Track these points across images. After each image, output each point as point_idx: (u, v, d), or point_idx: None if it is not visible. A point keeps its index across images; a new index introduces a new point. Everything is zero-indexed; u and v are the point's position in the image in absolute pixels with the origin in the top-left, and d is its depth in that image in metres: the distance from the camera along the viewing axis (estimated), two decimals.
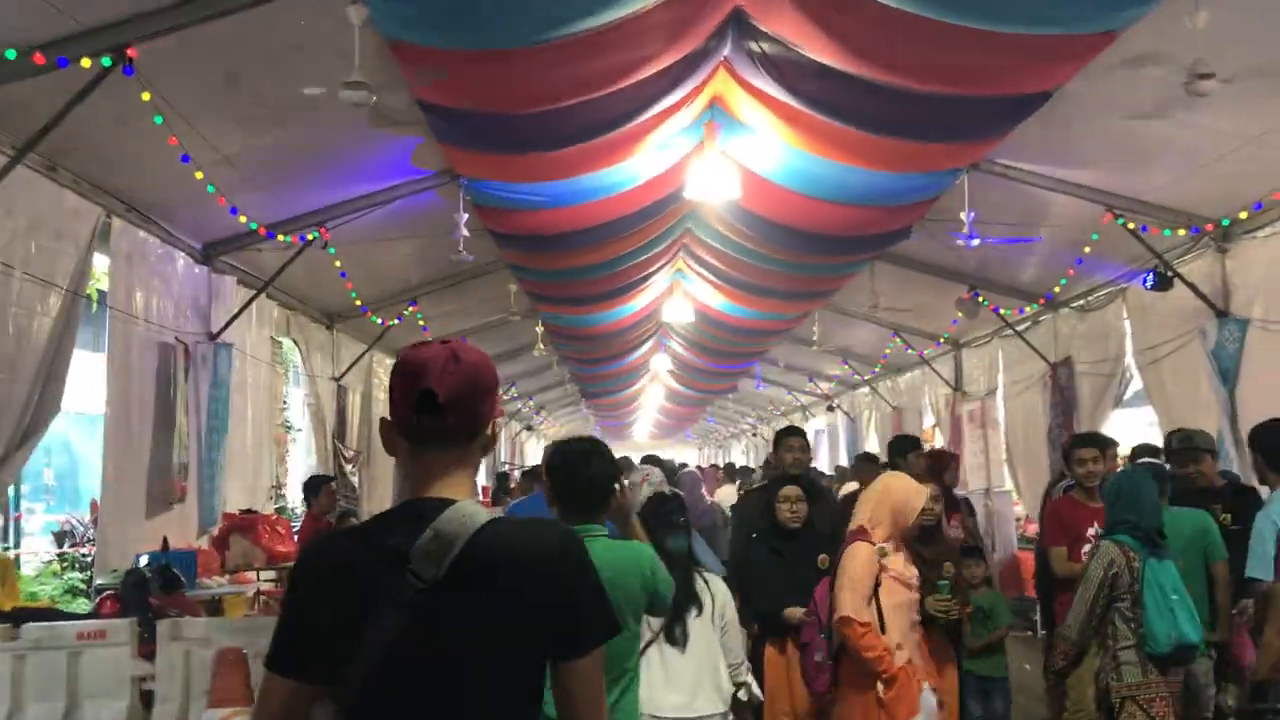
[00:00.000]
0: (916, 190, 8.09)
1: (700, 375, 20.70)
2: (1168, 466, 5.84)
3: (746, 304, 13.43)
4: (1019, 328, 11.07)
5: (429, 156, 7.57)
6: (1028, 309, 10.67)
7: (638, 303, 14.11)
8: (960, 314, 10.96)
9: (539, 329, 14.28)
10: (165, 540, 6.96)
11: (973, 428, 11.16)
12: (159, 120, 5.56)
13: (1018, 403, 11.79)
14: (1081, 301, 10.14)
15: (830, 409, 20.88)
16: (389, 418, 2.02)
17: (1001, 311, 10.63)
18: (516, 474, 15.14)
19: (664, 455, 16.56)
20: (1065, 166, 7.63)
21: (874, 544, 4.58)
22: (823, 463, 21.82)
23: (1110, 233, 7.89)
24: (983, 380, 12.96)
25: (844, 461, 17.62)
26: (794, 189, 8.49)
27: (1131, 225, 7.57)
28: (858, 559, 4.55)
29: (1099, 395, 9.77)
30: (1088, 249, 8.21)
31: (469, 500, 1.97)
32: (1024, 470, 11.52)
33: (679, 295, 14.23)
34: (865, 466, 8.54)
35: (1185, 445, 5.99)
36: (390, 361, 13.74)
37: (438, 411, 1.92)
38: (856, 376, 17.67)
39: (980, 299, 10.60)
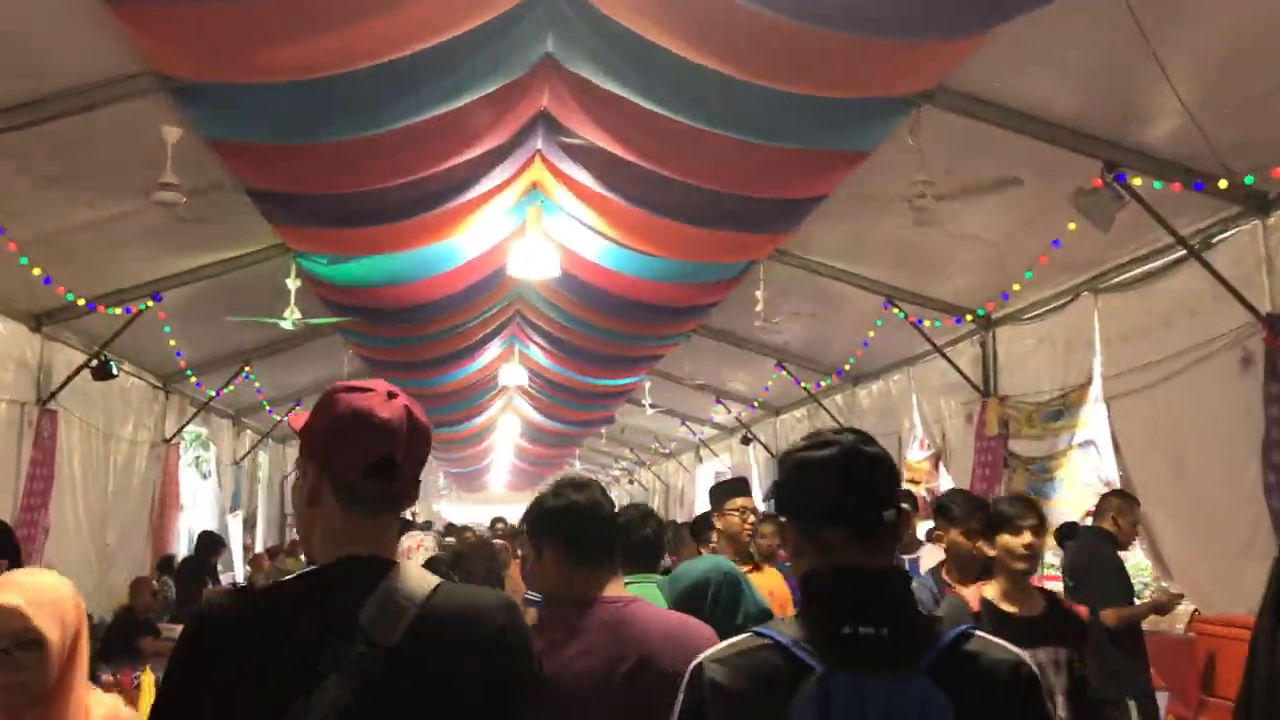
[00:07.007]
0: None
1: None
2: None
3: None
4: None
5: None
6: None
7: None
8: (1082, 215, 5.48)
9: None
10: None
11: None
12: None
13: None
14: None
15: (745, 441, 14.34)
16: (313, 464, 1.83)
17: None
18: None
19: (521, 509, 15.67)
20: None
21: None
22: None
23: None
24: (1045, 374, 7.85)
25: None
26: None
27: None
28: None
29: None
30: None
31: (412, 564, 1.88)
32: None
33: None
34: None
35: None
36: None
37: (392, 479, 1.80)
38: (803, 386, 11.70)
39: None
